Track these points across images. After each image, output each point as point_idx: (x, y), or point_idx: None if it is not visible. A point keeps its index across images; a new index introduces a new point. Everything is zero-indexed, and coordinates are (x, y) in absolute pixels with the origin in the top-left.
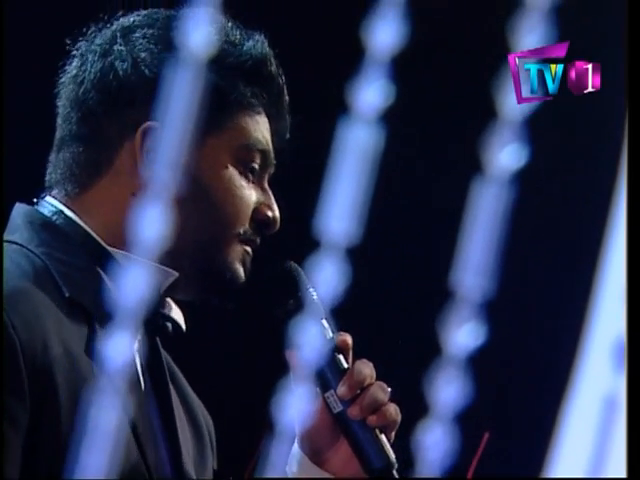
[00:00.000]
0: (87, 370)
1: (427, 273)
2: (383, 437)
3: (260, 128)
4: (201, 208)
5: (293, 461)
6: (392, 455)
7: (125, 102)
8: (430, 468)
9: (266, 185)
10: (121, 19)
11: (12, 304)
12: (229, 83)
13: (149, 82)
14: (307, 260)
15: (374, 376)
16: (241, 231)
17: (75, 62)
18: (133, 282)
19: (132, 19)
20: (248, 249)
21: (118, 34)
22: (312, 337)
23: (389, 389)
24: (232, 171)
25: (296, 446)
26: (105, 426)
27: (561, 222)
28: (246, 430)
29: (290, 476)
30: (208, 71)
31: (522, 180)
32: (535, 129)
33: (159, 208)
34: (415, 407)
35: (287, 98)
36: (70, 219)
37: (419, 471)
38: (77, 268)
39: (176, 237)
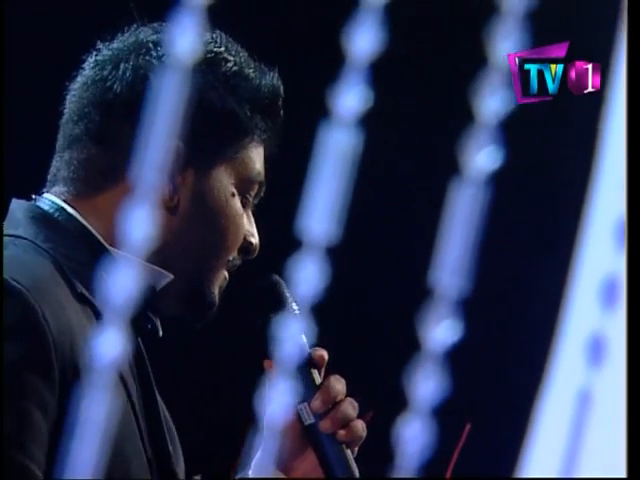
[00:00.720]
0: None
1: (406, 272)
2: (348, 452)
3: (260, 160)
4: (209, 229)
5: (256, 468)
6: (355, 470)
7: (134, 117)
8: (409, 461)
9: (250, 212)
10: (143, 33)
11: (40, 294)
12: (248, 115)
13: (161, 100)
14: (289, 259)
15: (345, 392)
16: (231, 258)
17: (98, 67)
18: (130, 280)
19: (158, 35)
20: (226, 275)
21: (151, 43)
22: (290, 350)
23: (357, 404)
24: (236, 200)
25: (260, 453)
26: (101, 419)
27: (534, 221)
28: (229, 431)
29: None
30: (228, 101)
31: (497, 181)
32: (509, 132)
33: (150, 213)
34: (395, 401)
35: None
36: (72, 216)
37: (399, 464)
38: (81, 264)
39: (180, 248)
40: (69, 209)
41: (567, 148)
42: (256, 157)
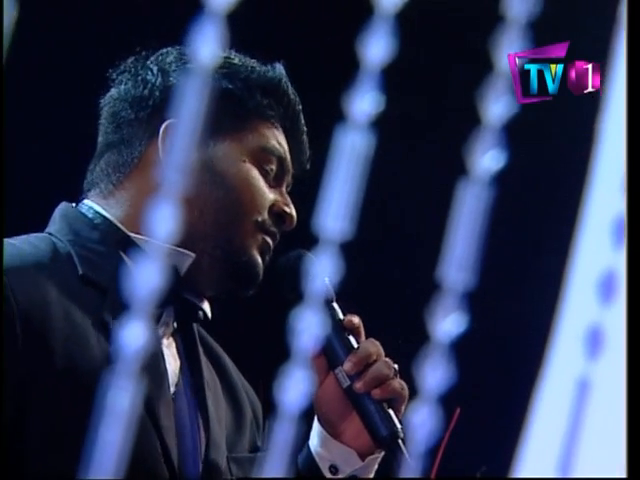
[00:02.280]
0: (93, 339)
1: (415, 267)
2: (389, 410)
3: (277, 137)
4: (220, 193)
5: (314, 435)
6: (398, 425)
7: (152, 107)
8: (418, 445)
9: (284, 190)
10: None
11: (16, 274)
12: (248, 94)
13: (174, 88)
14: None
15: (381, 353)
16: (259, 219)
17: (114, 88)
18: (151, 262)
19: (163, 51)
20: (268, 239)
21: (151, 60)
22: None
23: (395, 365)
24: (249, 166)
25: (316, 421)
26: (117, 405)
27: (535, 219)
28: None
29: (312, 449)
30: (229, 85)
31: (501, 181)
32: (512, 135)
33: (175, 195)
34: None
35: (303, 122)
36: (98, 212)
37: (408, 448)
38: (98, 252)
39: (197, 221)
40: (97, 207)
41: (566, 149)
42: (268, 133)
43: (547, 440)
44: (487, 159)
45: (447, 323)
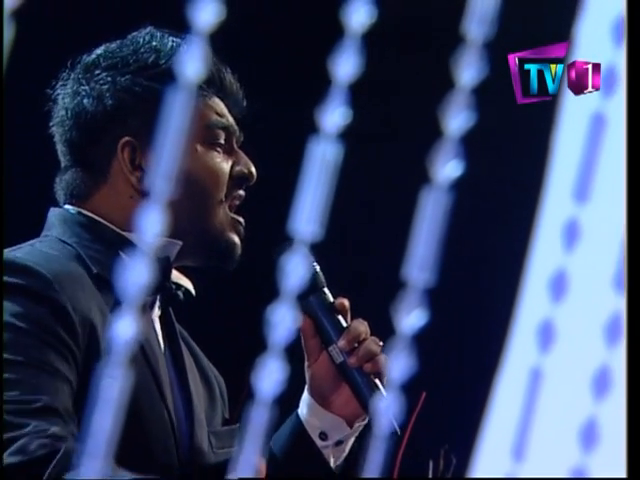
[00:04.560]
0: None
1: (382, 266)
2: (377, 382)
3: (215, 109)
4: (185, 187)
5: (303, 405)
6: (384, 394)
7: (99, 129)
8: (382, 429)
9: (236, 148)
10: (84, 57)
11: (59, 277)
12: (171, 78)
13: (113, 107)
14: (282, 254)
15: (369, 332)
16: (222, 197)
17: (57, 107)
18: (147, 254)
19: (90, 58)
20: (239, 218)
21: (80, 76)
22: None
23: (381, 343)
24: (201, 150)
25: (306, 393)
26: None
27: (492, 223)
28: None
29: (302, 419)
30: (158, 85)
31: (460, 188)
32: (470, 145)
33: (153, 202)
34: None
35: (230, 76)
36: (88, 216)
37: (374, 431)
38: (101, 251)
39: (174, 215)
40: (85, 212)
41: (521, 158)
42: (207, 110)
43: (503, 423)
44: (447, 167)
45: (411, 318)
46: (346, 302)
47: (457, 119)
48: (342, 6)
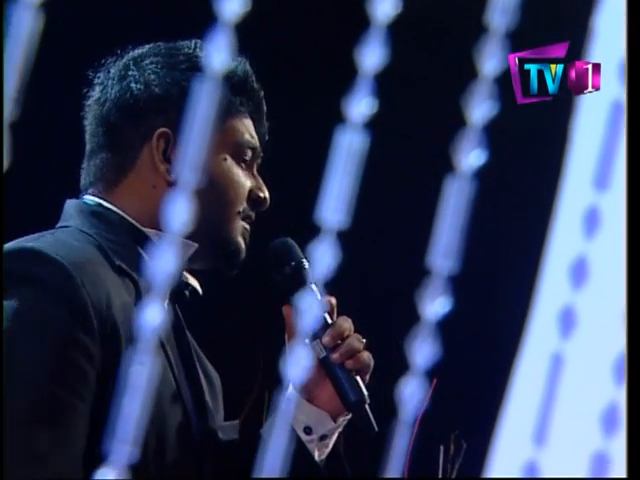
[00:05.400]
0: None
1: (406, 254)
2: (359, 378)
3: (249, 129)
4: (209, 193)
5: (288, 399)
6: (365, 392)
7: (141, 114)
8: (408, 415)
9: (255, 172)
10: (131, 51)
11: (77, 265)
12: (222, 96)
13: (159, 97)
14: (309, 242)
15: (352, 329)
16: (240, 209)
17: (97, 88)
18: (165, 253)
19: (140, 50)
20: (247, 226)
21: (131, 62)
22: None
23: (364, 340)
24: (229, 163)
25: (291, 387)
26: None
27: (514, 211)
28: (246, 378)
29: (284, 410)
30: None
31: (483, 177)
32: (493, 136)
33: (180, 194)
34: (397, 364)
35: (265, 105)
36: (109, 208)
37: (400, 417)
38: (121, 244)
39: (194, 217)
40: (105, 203)
41: (541, 147)
42: (242, 127)
43: (525, 408)
44: (471, 156)
45: (435, 305)
46: (333, 300)
47: (480, 109)
48: None
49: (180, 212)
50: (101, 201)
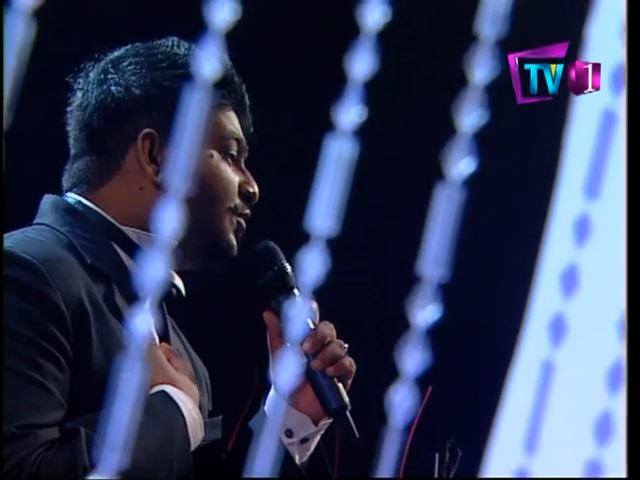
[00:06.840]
0: (109, 320)
1: (396, 261)
2: (340, 385)
3: (232, 122)
4: (198, 191)
5: (270, 402)
6: (346, 399)
7: (123, 117)
8: (398, 421)
9: (243, 166)
10: (110, 54)
11: (49, 263)
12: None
13: (140, 98)
14: (299, 249)
15: (334, 335)
16: (232, 205)
17: (78, 94)
18: (153, 253)
19: (119, 52)
20: (241, 221)
21: (109, 65)
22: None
23: (346, 345)
24: (216, 158)
25: (272, 390)
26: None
27: (505, 219)
28: (238, 381)
29: (269, 417)
30: (183, 81)
31: (473, 184)
32: (484, 144)
33: (170, 195)
34: (387, 371)
35: (247, 100)
36: (87, 206)
37: (390, 423)
38: (95, 242)
39: (184, 218)
40: (85, 201)
41: (533, 155)
42: (225, 120)
43: (516, 416)
44: (461, 164)
45: (425, 312)
46: (314, 305)
47: (470, 116)
48: (357, 5)
49: (170, 213)
50: (82, 199)
